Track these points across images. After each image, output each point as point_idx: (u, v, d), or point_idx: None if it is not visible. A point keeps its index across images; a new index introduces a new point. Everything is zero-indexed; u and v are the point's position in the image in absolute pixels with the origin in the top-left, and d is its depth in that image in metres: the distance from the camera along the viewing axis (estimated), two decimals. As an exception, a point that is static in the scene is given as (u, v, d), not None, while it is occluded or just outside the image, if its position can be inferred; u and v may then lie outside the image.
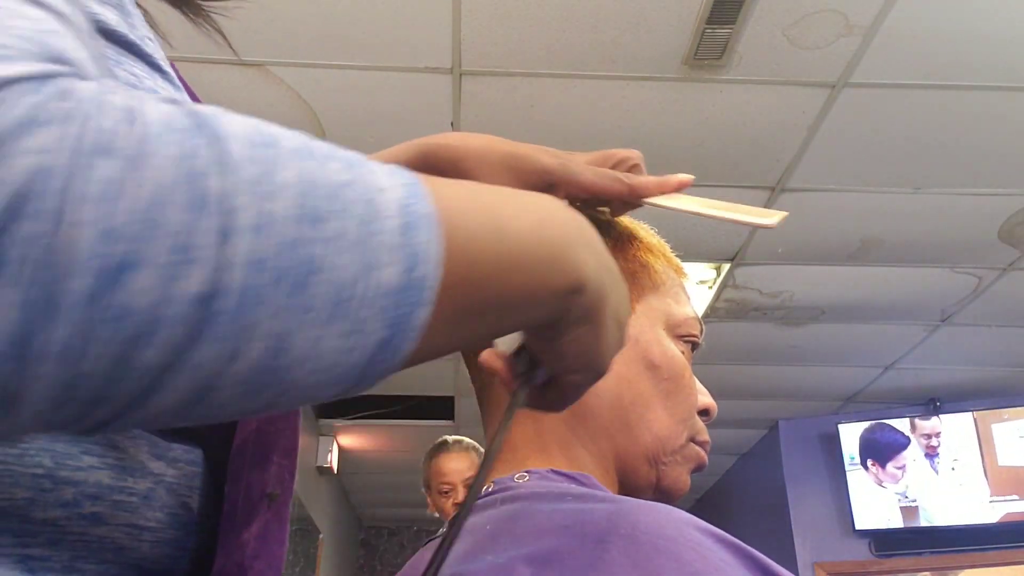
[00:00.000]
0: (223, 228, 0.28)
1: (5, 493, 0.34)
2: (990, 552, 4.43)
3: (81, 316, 0.26)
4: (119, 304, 0.26)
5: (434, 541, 0.66)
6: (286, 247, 0.29)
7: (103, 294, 0.26)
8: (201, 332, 0.28)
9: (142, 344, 0.27)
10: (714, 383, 3.35)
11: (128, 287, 0.26)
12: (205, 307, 0.27)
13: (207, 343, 0.28)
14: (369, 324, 0.32)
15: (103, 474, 0.38)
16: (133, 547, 0.39)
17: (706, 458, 0.69)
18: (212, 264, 0.27)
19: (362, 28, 2.20)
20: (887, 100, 2.47)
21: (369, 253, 0.31)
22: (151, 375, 0.28)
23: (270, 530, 0.45)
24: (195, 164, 0.28)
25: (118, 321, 0.26)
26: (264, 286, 0.28)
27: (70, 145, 0.26)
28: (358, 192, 0.32)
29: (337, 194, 0.31)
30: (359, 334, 0.31)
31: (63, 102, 0.27)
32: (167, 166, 0.27)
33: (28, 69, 0.27)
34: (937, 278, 3.42)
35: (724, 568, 0.48)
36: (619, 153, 0.67)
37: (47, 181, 0.25)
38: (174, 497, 0.42)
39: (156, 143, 0.28)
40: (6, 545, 0.34)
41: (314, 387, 0.32)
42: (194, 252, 0.27)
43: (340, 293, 0.30)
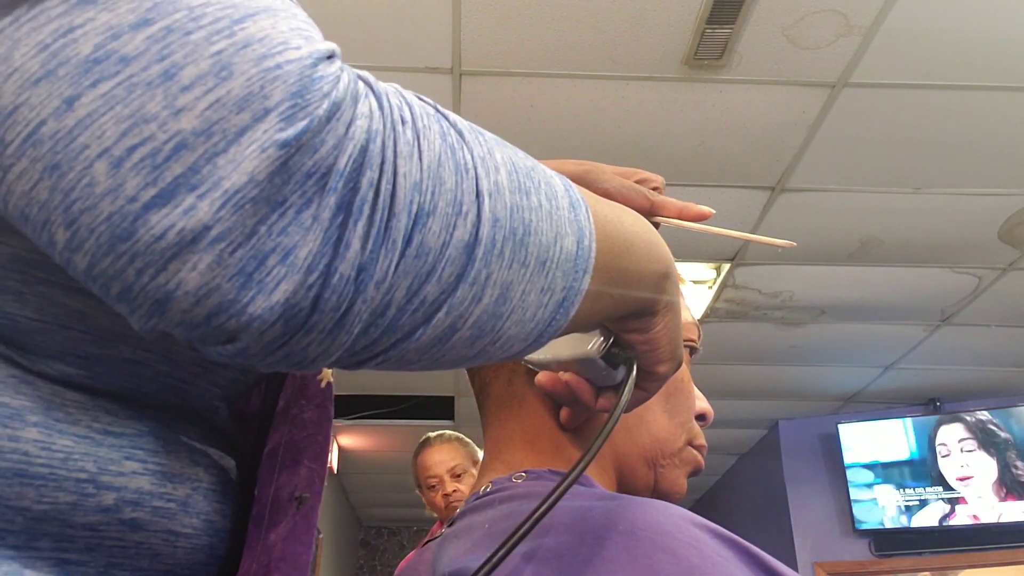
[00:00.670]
0: (475, 190, 0.34)
1: (49, 497, 0.35)
2: (990, 552, 4.43)
3: (400, 249, 0.32)
4: (421, 243, 0.32)
5: (433, 542, 0.66)
6: (511, 210, 0.36)
7: (415, 233, 0.32)
8: (464, 274, 0.34)
9: (430, 279, 0.33)
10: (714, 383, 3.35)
11: (427, 229, 0.32)
12: (468, 253, 0.34)
13: (465, 284, 0.34)
14: (556, 284, 0.38)
15: (144, 480, 0.38)
16: (168, 553, 0.40)
17: (703, 462, 0.69)
18: (473, 218, 0.34)
19: (362, 28, 2.20)
20: (887, 100, 2.47)
21: (557, 223, 0.38)
22: (428, 309, 0.34)
23: (297, 533, 0.45)
24: (451, 139, 0.35)
25: (418, 258, 0.32)
26: (501, 240, 0.35)
27: (382, 114, 0.32)
28: (541, 174, 0.39)
29: (531, 174, 0.38)
30: (550, 292, 0.38)
31: (362, 79, 0.33)
32: (436, 138, 0.34)
33: (328, 46, 0.33)
34: (937, 278, 3.42)
35: (722, 563, 0.48)
36: (644, 172, 0.71)
37: (376, 140, 0.32)
38: (210, 503, 0.42)
39: (426, 119, 0.34)
40: (45, 549, 0.35)
41: (512, 339, 0.38)
42: (463, 207, 0.34)
43: (543, 254, 0.37)
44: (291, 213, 0.30)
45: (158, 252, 0.29)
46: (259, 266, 0.30)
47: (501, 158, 0.37)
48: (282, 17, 0.32)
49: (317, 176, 0.30)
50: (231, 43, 0.30)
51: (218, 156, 0.29)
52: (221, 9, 0.31)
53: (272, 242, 0.30)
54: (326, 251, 0.30)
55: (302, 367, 0.34)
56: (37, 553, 0.34)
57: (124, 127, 0.29)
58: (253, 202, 0.29)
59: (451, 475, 2.49)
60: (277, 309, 0.30)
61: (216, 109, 0.29)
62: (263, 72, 0.30)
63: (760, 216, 3.02)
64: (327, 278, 0.30)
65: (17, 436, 0.34)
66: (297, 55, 0.31)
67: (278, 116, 0.30)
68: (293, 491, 0.46)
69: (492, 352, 0.38)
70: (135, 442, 0.38)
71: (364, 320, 0.32)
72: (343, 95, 0.31)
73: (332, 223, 0.30)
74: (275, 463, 0.46)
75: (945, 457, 4.54)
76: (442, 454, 2.54)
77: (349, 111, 0.31)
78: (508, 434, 0.66)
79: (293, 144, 0.30)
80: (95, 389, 0.37)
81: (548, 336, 0.40)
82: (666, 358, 0.53)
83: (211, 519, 0.42)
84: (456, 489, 2.47)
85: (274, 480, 0.45)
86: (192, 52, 0.29)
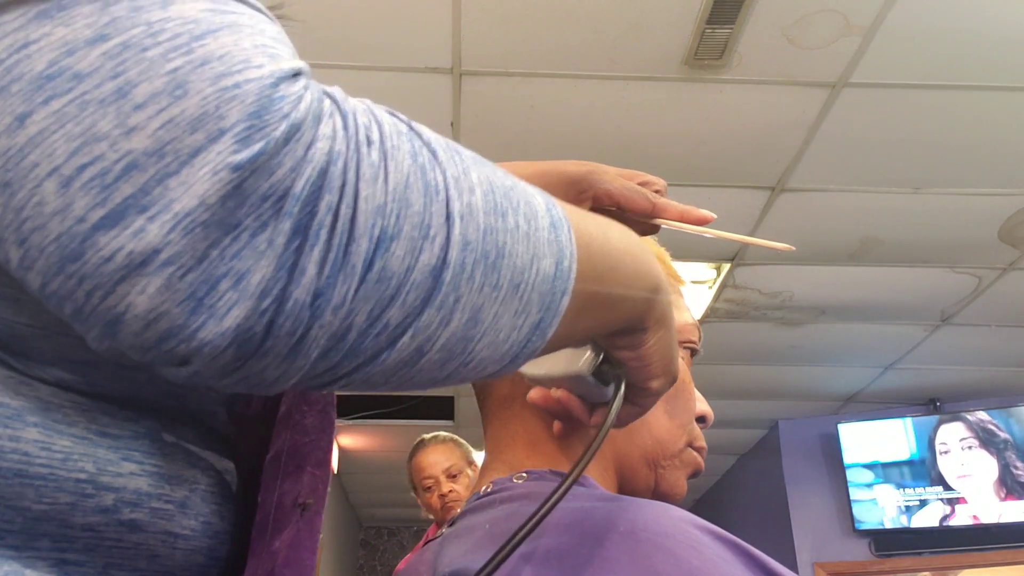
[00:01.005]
0: (445, 212, 0.33)
1: (48, 498, 0.35)
2: (990, 552, 4.43)
3: (360, 274, 0.31)
4: (384, 268, 0.31)
5: (434, 541, 0.66)
6: (484, 233, 0.35)
7: (376, 257, 0.31)
8: (430, 298, 0.33)
9: (393, 304, 0.32)
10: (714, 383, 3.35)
11: (391, 253, 0.31)
12: (435, 276, 0.33)
13: (432, 308, 0.33)
14: (532, 306, 0.37)
15: (142, 481, 0.38)
16: (167, 555, 0.40)
17: (703, 464, 0.70)
18: (441, 241, 0.33)
19: (362, 28, 2.20)
20: (887, 100, 2.47)
21: (535, 245, 0.37)
22: (392, 333, 0.33)
23: (301, 539, 0.45)
24: (422, 159, 0.34)
25: (380, 282, 0.31)
26: (472, 264, 0.34)
27: (347, 134, 0.31)
28: (520, 194, 0.38)
29: (509, 194, 0.37)
30: (525, 314, 0.37)
31: (327, 99, 0.32)
32: (406, 158, 0.33)
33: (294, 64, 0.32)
34: (937, 278, 3.42)
35: (722, 564, 0.48)
36: (647, 175, 0.71)
37: (338, 162, 0.31)
38: (208, 505, 0.42)
39: (396, 138, 0.33)
40: (44, 549, 0.35)
41: (484, 361, 0.37)
42: (431, 230, 0.33)
43: (517, 277, 0.36)
44: (245, 237, 0.29)
45: (106, 274, 0.28)
46: (210, 291, 0.29)
47: (477, 178, 0.36)
48: (246, 34, 0.31)
49: (273, 199, 0.29)
50: (188, 60, 0.29)
51: (170, 177, 0.28)
52: (181, 25, 0.30)
53: (224, 266, 0.29)
54: (280, 276, 0.30)
55: (260, 390, 0.33)
56: (36, 553, 0.34)
57: (75, 145, 0.28)
58: (204, 226, 0.29)
59: (447, 475, 2.50)
60: (228, 335, 0.29)
61: (169, 129, 0.29)
62: (220, 91, 0.29)
63: (760, 216, 3.02)
64: (281, 303, 0.30)
65: (17, 436, 0.34)
66: (257, 74, 0.30)
67: (233, 137, 0.29)
68: (296, 497, 0.46)
69: (465, 373, 0.37)
70: (132, 444, 0.38)
71: (322, 345, 0.31)
72: (304, 116, 0.30)
73: (287, 248, 0.30)
74: (278, 470, 0.46)
75: (945, 456, 4.54)
76: (437, 455, 2.54)
77: (310, 132, 0.30)
78: (509, 434, 0.66)
79: (247, 167, 0.29)
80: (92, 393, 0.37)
81: (525, 357, 0.39)
82: (658, 374, 0.52)
83: (209, 521, 0.42)
84: (452, 489, 2.47)
85: (277, 487, 0.45)
86: (147, 69, 0.29)
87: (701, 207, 0.68)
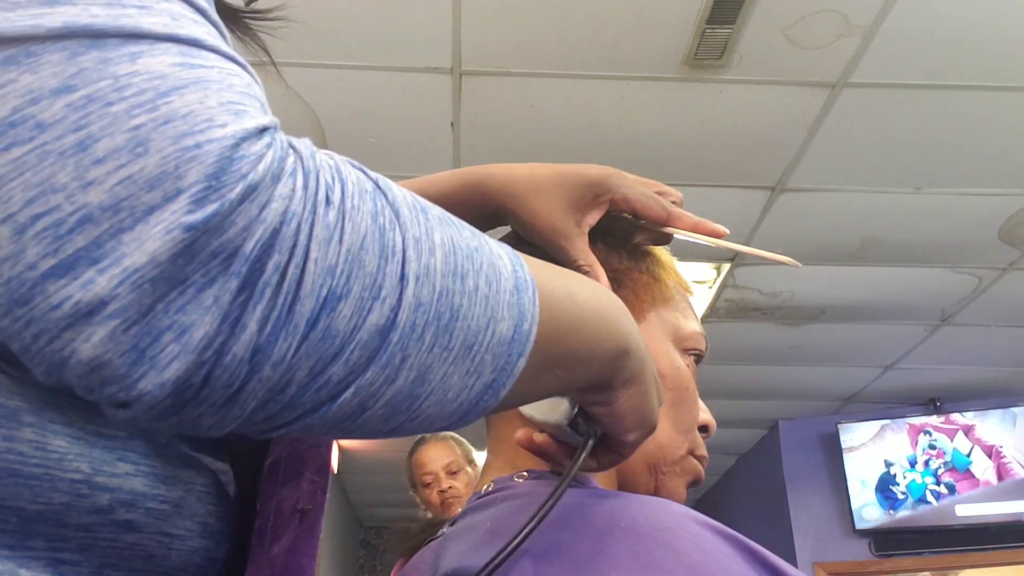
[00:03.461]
0: (399, 274, 0.34)
1: (43, 497, 0.35)
2: (990, 552, 4.43)
3: (303, 333, 0.31)
4: (329, 326, 0.32)
5: (435, 541, 0.66)
6: (439, 295, 0.35)
7: (321, 316, 0.32)
8: (376, 356, 0.33)
9: (336, 361, 0.32)
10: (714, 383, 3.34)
11: (337, 313, 0.32)
12: (382, 336, 0.33)
13: (377, 366, 0.33)
14: (484, 367, 0.37)
15: (138, 481, 0.38)
16: (162, 555, 0.40)
17: (703, 473, 0.70)
18: (392, 302, 0.33)
19: (362, 28, 2.20)
20: (887, 100, 2.47)
21: (493, 308, 0.37)
22: (333, 388, 0.33)
23: (300, 544, 0.45)
24: (383, 220, 0.34)
25: (324, 340, 0.32)
26: (423, 326, 0.34)
27: (305, 194, 0.32)
28: (485, 255, 0.39)
29: (472, 256, 0.38)
30: (476, 375, 0.37)
31: (291, 156, 0.32)
32: (365, 219, 0.33)
33: (260, 121, 0.32)
34: (937, 278, 3.42)
35: (722, 559, 0.48)
36: (664, 186, 0.72)
37: (291, 222, 0.31)
38: (204, 506, 0.42)
39: (357, 198, 0.34)
40: (38, 549, 0.35)
41: (431, 418, 0.37)
42: (382, 291, 0.33)
43: (471, 339, 0.36)
44: (191, 292, 0.30)
45: (53, 320, 0.29)
46: (152, 343, 0.29)
47: (440, 239, 0.36)
48: (213, 90, 0.31)
49: (223, 257, 0.30)
50: (152, 118, 0.30)
51: (123, 233, 0.29)
52: (148, 80, 0.30)
53: (168, 319, 0.29)
54: (223, 330, 0.30)
55: (197, 433, 0.34)
56: (31, 553, 0.34)
57: (31, 195, 0.29)
58: (152, 282, 0.29)
59: (446, 472, 2.52)
60: (168, 386, 0.30)
61: (126, 186, 0.29)
62: (180, 151, 0.30)
63: (760, 216, 3.02)
64: (220, 357, 0.30)
65: (12, 436, 0.34)
66: (220, 134, 0.30)
67: (189, 198, 0.29)
68: (296, 504, 0.46)
69: (411, 428, 0.38)
70: (127, 444, 0.38)
71: (260, 397, 0.32)
72: (262, 176, 0.31)
73: (232, 304, 0.30)
74: (277, 476, 0.46)
75: (945, 456, 4.54)
76: (437, 451, 2.56)
77: (266, 192, 0.31)
78: (511, 433, 0.66)
79: (200, 227, 0.29)
80: None
81: (477, 414, 0.39)
82: (633, 428, 0.53)
83: (205, 521, 0.42)
84: (452, 486, 2.49)
85: (276, 493, 0.46)
86: (110, 125, 0.29)
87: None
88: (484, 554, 0.54)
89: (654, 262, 0.73)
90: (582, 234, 0.67)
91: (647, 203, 0.68)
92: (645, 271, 0.71)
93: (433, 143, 2.63)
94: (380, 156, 2.68)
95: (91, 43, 0.30)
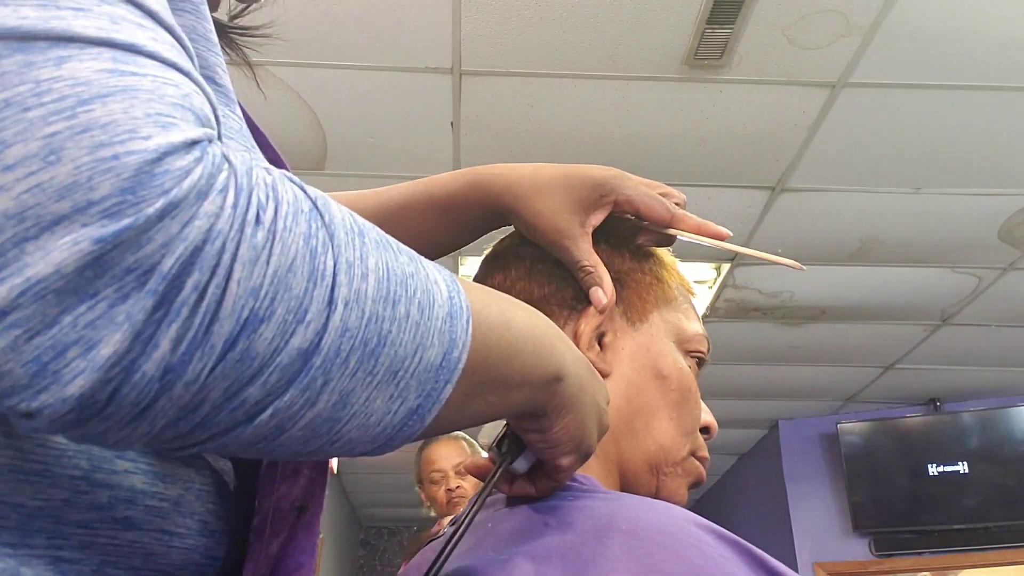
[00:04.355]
0: (327, 298, 0.33)
1: (43, 493, 0.35)
2: (990, 552, 4.43)
3: (219, 354, 0.31)
4: (248, 348, 0.31)
5: (436, 541, 0.66)
6: (368, 320, 0.35)
7: (240, 338, 0.31)
8: (294, 380, 0.33)
9: (252, 383, 0.32)
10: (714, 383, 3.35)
11: (258, 335, 0.31)
12: (304, 360, 0.33)
13: (296, 389, 0.33)
14: (409, 393, 0.37)
15: (136, 479, 0.38)
16: (162, 553, 0.40)
17: (704, 475, 0.70)
18: (317, 326, 0.33)
19: (362, 28, 2.20)
20: (887, 100, 2.47)
21: (423, 335, 0.37)
22: (250, 409, 0.33)
23: (298, 540, 0.45)
24: (314, 243, 0.33)
25: (241, 362, 0.31)
26: (348, 351, 0.34)
27: (234, 213, 0.31)
28: (420, 282, 0.38)
29: (406, 282, 0.37)
30: (400, 400, 0.37)
31: (224, 172, 0.31)
32: (297, 241, 0.33)
33: (190, 135, 0.31)
34: (937, 278, 3.42)
35: (723, 563, 0.48)
36: (668, 188, 0.72)
37: (216, 241, 0.30)
38: (203, 504, 0.42)
39: (290, 219, 0.33)
40: (38, 546, 0.35)
41: (353, 441, 0.37)
42: (307, 315, 0.33)
43: (396, 365, 0.36)
44: (102, 307, 0.29)
45: None
46: (57, 357, 0.29)
47: (375, 264, 0.36)
48: (141, 100, 0.30)
49: (138, 273, 0.29)
50: (69, 126, 0.29)
51: (27, 242, 0.28)
52: (71, 86, 0.29)
53: (76, 334, 0.29)
54: (134, 348, 0.29)
55: (104, 446, 0.33)
56: (31, 551, 0.34)
57: None
58: (57, 293, 0.28)
59: (455, 471, 2.53)
60: (71, 402, 0.29)
61: (35, 193, 0.28)
62: (96, 162, 0.28)
63: (760, 216, 3.02)
64: (128, 374, 0.29)
65: (11, 432, 0.34)
66: (141, 147, 0.29)
67: (100, 211, 0.28)
68: (294, 501, 0.46)
69: (331, 451, 0.37)
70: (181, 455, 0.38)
71: (171, 415, 0.31)
72: (186, 192, 0.30)
73: (146, 322, 0.29)
74: (275, 473, 0.46)
75: (944, 456, 4.54)
76: (448, 450, 2.58)
77: (189, 210, 0.30)
78: None
79: (110, 241, 0.28)
80: None
81: (402, 439, 0.39)
82: (567, 453, 0.53)
83: (205, 520, 0.42)
84: (460, 486, 2.50)
85: (275, 490, 0.46)
86: (24, 131, 0.28)
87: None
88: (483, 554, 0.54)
89: (657, 263, 0.73)
90: (586, 234, 0.67)
91: (651, 204, 0.68)
92: (648, 272, 0.72)
93: (433, 143, 2.63)
94: (380, 156, 2.68)
95: (17, 45, 0.29)
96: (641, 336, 0.68)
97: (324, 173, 2.74)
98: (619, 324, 0.68)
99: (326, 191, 0.38)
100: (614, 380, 0.66)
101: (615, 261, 0.70)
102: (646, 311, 0.69)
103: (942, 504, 4.47)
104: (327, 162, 2.71)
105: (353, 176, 2.76)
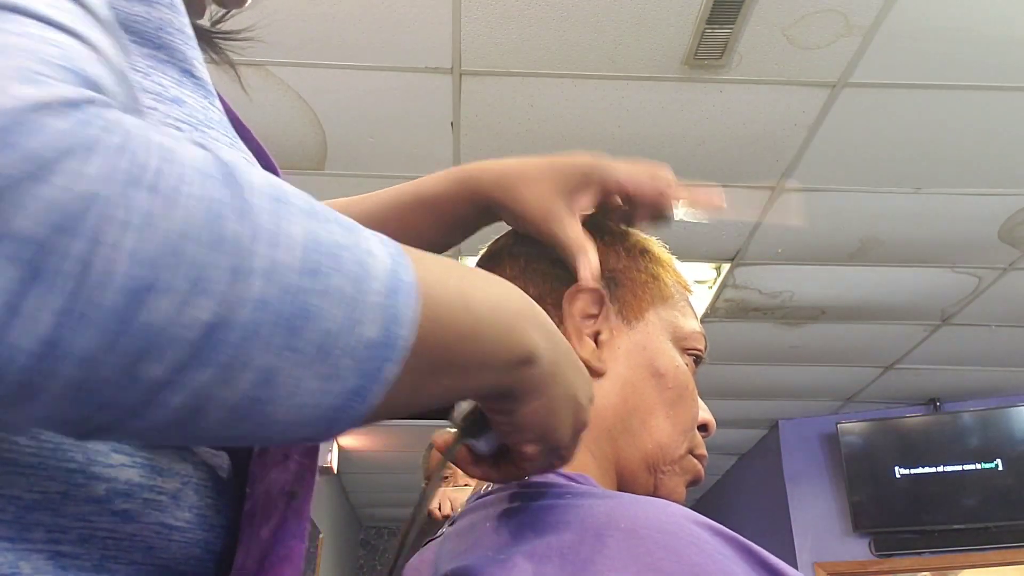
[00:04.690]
0: (236, 268, 0.31)
1: (39, 486, 0.35)
2: (990, 552, 4.43)
3: (106, 328, 0.28)
4: (139, 321, 0.29)
5: (435, 541, 0.66)
6: (288, 293, 0.32)
7: (128, 311, 0.29)
8: (201, 357, 0.30)
9: (150, 359, 0.29)
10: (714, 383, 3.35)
11: (149, 307, 0.29)
12: (209, 335, 0.30)
13: (204, 367, 0.31)
14: (346, 372, 0.34)
15: (133, 472, 0.38)
16: (162, 547, 0.40)
17: (703, 473, 0.70)
18: (220, 298, 0.30)
19: (362, 28, 2.20)
20: (887, 100, 2.47)
21: (356, 309, 0.34)
22: (152, 389, 0.30)
23: (288, 526, 0.45)
24: (219, 209, 0.31)
25: (135, 336, 0.29)
26: (263, 324, 0.31)
27: (120, 177, 0.28)
28: (353, 254, 0.35)
29: (336, 253, 0.34)
30: (336, 379, 0.34)
31: (111, 134, 0.29)
32: (196, 207, 0.30)
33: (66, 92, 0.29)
34: (937, 278, 3.42)
35: (722, 561, 0.48)
36: (656, 167, 0.71)
37: (97, 206, 0.28)
38: (201, 498, 0.42)
39: (190, 185, 0.30)
40: (37, 540, 0.35)
41: (288, 425, 0.34)
42: (207, 285, 0.30)
43: (326, 341, 0.33)
44: None
45: None
46: None
47: (301, 232, 0.33)
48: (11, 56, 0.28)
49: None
50: None
51: None
52: None
53: None
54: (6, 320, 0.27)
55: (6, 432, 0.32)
56: (31, 546, 0.35)
57: None
58: None
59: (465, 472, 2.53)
60: None
61: None
62: None
63: (760, 216, 3.02)
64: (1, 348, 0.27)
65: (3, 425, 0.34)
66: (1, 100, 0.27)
67: None
68: (284, 486, 0.46)
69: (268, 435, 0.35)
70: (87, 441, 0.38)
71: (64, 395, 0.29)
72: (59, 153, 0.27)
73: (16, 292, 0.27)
74: (266, 459, 0.46)
75: (944, 456, 4.54)
76: None
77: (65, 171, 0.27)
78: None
79: None
80: None
81: (347, 422, 0.36)
82: (533, 440, 0.50)
83: (204, 513, 0.42)
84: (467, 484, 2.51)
85: (265, 476, 0.46)
86: None
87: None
88: (482, 554, 0.54)
89: (653, 260, 0.73)
90: (573, 217, 0.67)
91: (639, 181, 0.67)
92: (643, 270, 0.71)
93: (433, 143, 2.63)
94: (380, 156, 2.68)
95: None
96: (637, 334, 0.68)
97: (324, 173, 2.75)
98: (615, 322, 0.68)
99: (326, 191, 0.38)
100: (610, 378, 0.66)
101: (609, 259, 0.70)
102: (642, 309, 0.69)
103: (942, 504, 4.47)
104: (327, 162, 2.71)
105: (353, 176, 2.76)
